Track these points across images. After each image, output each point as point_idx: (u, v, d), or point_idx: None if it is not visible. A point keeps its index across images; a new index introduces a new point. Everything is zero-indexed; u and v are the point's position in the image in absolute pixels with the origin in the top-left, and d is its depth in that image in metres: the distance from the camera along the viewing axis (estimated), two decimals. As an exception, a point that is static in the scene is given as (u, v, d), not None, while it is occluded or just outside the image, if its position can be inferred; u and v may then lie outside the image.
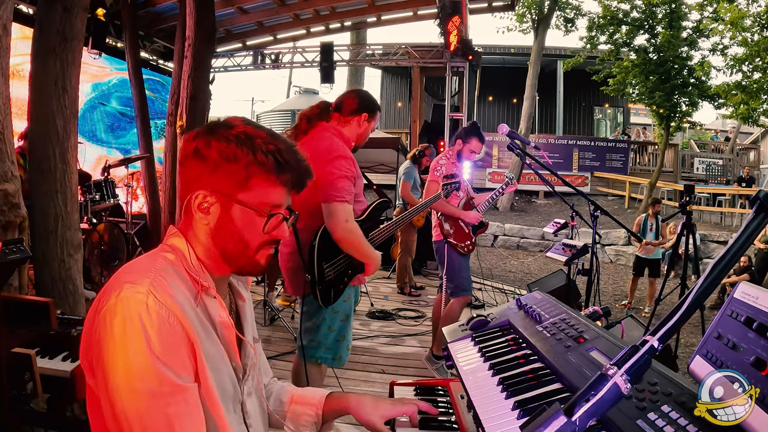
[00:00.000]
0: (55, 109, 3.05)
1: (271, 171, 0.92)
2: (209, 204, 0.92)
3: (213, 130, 0.93)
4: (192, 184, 0.93)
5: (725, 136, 19.89)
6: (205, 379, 0.86)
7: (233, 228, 0.93)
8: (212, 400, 0.87)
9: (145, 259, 0.92)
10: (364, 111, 2.28)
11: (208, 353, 0.88)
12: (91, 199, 4.88)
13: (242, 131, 0.92)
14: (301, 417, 1.15)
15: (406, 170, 5.74)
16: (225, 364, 0.93)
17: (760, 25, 10.87)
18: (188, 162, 0.94)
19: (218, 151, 0.91)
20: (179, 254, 0.93)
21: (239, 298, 1.08)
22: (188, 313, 0.86)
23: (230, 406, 0.93)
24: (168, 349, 0.81)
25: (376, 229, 2.34)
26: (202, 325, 0.89)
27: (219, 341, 0.92)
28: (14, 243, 2.06)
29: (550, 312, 1.37)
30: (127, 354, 0.78)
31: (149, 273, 0.86)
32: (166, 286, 0.85)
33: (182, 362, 0.83)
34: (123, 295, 0.81)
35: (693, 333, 5.69)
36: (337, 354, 2.26)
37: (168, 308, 0.82)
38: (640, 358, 0.62)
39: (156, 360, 0.79)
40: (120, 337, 0.79)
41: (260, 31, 9.14)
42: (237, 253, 0.95)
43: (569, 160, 15.10)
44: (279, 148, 0.93)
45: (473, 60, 8.03)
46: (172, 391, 0.80)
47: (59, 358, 2.06)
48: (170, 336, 0.81)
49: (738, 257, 0.67)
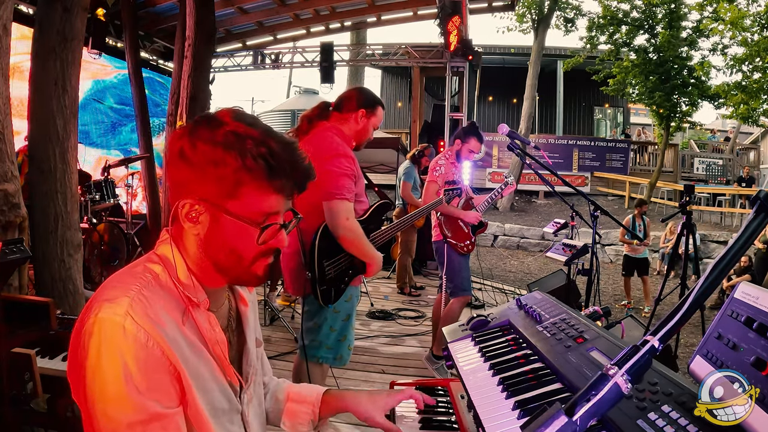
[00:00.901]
0: (55, 109, 3.05)
1: (262, 177, 0.82)
2: (197, 213, 0.84)
3: (200, 128, 0.84)
4: (179, 189, 0.85)
5: (725, 136, 19.88)
6: (193, 400, 0.82)
7: (224, 239, 0.85)
8: (200, 420, 0.83)
9: (130, 272, 0.85)
10: (362, 107, 2.26)
11: (195, 374, 0.83)
12: (91, 199, 4.88)
13: (231, 131, 0.82)
14: (297, 415, 1.14)
15: (406, 170, 5.74)
16: (217, 381, 0.88)
17: (760, 25, 10.87)
18: (174, 164, 0.85)
19: (204, 154, 0.81)
20: (168, 265, 0.86)
21: (241, 302, 1.02)
22: (170, 334, 0.80)
23: (225, 421, 0.89)
24: (146, 375, 0.76)
25: (378, 231, 2.34)
26: (189, 344, 0.83)
27: (211, 358, 0.87)
28: (14, 243, 2.06)
29: (550, 312, 1.37)
30: (103, 380, 0.75)
31: (129, 291, 0.80)
32: (146, 306, 0.79)
33: (162, 388, 0.78)
34: (101, 316, 0.77)
35: (693, 333, 5.69)
36: (339, 354, 2.26)
37: (146, 331, 0.77)
38: (640, 358, 0.62)
39: (132, 388, 0.75)
40: (95, 362, 0.75)
41: (260, 31, 9.14)
42: (230, 264, 0.87)
43: (569, 160, 15.10)
44: (272, 149, 0.82)
45: (473, 60, 8.02)
46: (149, 419, 0.76)
47: (59, 358, 2.07)
48: (148, 361, 0.77)
49: (738, 257, 0.67)
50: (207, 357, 0.87)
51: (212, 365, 0.87)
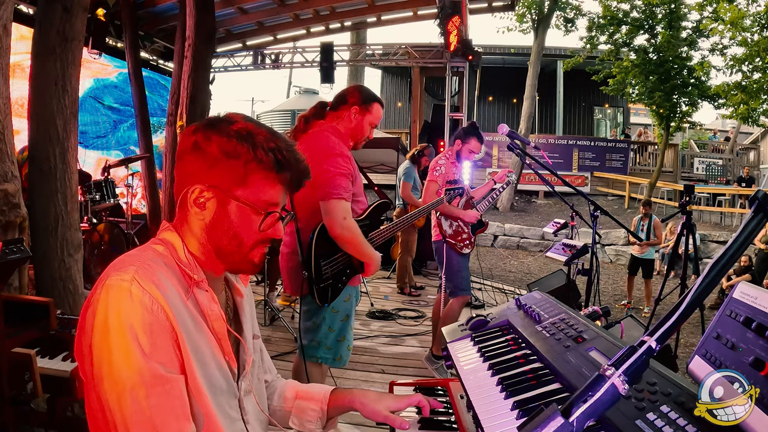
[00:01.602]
0: (55, 109, 3.05)
1: (270, 169, 0.91)
2: (206, 199, 0.91)
3: (213, 125, 0.92)
4: (189, 179, 0.92)
5: (725, 136, 19.88)
6: (191, 370, 0.85)
7: (229, 224, 0.92)
8: (198, 392, 0.86)
9: (135, 251, 0.91)
10: (355, 104, 2.23)
11: (195, 345, 0.87)
12: (91, 199, 4.88)
13: (243, 127, 0.91)
14: (305, 413, 1.15)
15: (406, 170, 5.74)
16: (214, 357, 0.91)
17: (760, 25, 10.87)
18: (186, 156, 0.92)
19: (218, 145, 0.90)
20: (170, 247, 0.92)
21: (236, 293, 1.07)
22: (174, 302, 0.85)
23: (223, 401, 0.92)
24: (151, 338, 0.80)
25: (376, 230, 2.33)
26: (191, 317, 0.88)
27: (209, 333, 0.91)
28: (14, 243, 2.06)
29: (550, 312, 1.37)
30: (109, 344, 0.78)
31: (135, 261, 0.85)
32: (151, 274, 0.84)
33: (166, 352, 0.82)
34: (108, 283, 0.82)
35: (692, 333, 5.69)
36: (338, 354, 2.25)
37: (152, 295, 0.81)
38: (637, 358, 0.62)
39: (137, 351, 0.78)
40: (103, 327, 0.79)
41: (260, 31, 9.14)
42: (231, 249, 0.93)
43: (569, 160, 15.10)
44: (279, 146, 0.92)
45: (473, 60, 8.02)
46: (154, 382, 0.79)
47: (59, 358, 2.07)
48: (153, 325, 0.80)
49: (737, 257, 0.67)
50: (207, 333, 0.91)
51: (212, 342, 0.91)
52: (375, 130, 2.38)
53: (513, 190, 13.86)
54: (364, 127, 2.28)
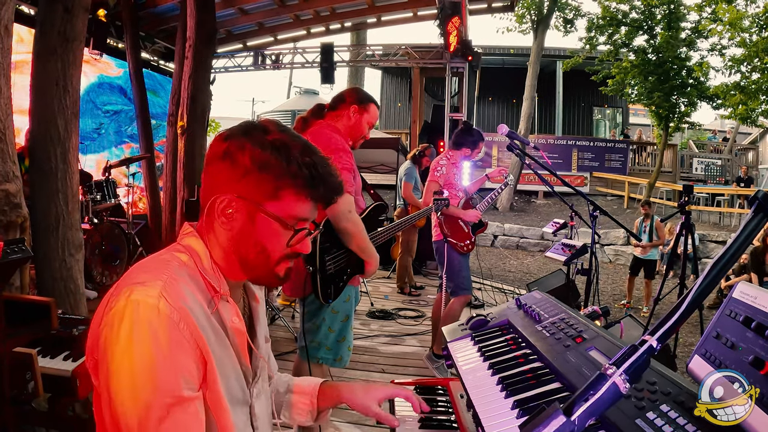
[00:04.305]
0: (56, 109, 3.06)
1: (304, 185, 0.88)
2: (234, 210, 0.88)
3: (248, 133, 0.88)
4: (218, 187, 0.89)
5: (724, 137, 19.90)
6: (215, 384, 0.84)
7: (256, 237, 0.89)
8: (220, 406, 0.85)
9: (158, 259, 0.88)
10: (354, 103, 2.30)
11: (218, 360, 0.85)
12: (92, 199, 4.88)
13: (278, 138, 0.88)
14: (295, 406, 1.16)
15: (407, 171, 5.74)
16: (234, 368, 0.90)
17: (759, 25, 10.88)
18: (216, 163, 0.89)
19: (252, 156, 0.86)
20: (195, 256, 0.89)
21: (253, 299, 1.05)
22: (199, 318, 0.83)
23: (238, 410, 0.91)
24: (174, 357, 0.78)
25: (373, 232, 2.34)
26: (213, 331, 0.86)
27: (230, 346, 0.90)
28: (15, 243, 2.06)
29: (550, 312, 1.37)
30: (132, 361, 0.76)
31: (162, 275, 0.82)
32: (179, 289, 0.82)
33: (188, 371, 0.80)
34: (133, 297, 0.78)
35: (692, 332, 5.70)
36: (338, 355, 2.26)
37: (179, 313, 0.79)
38: (638, 357, 0.62)
39: (160, 370, 0.77)
40: (126, 342, 0.76)
41: (261, 31, 9.14)
42: (257, 263, 0.91)
43: (568, 161, 15.11)
44: (314, 161, 0.88)
45: (473, 60, 8.03)
46: (173, 402, 0.77)
47: (60, 358, 2.07)
48: (179, 343, 0.79)
49: (737, 257, 0.68)
50: (228, 345, 0.89)
51: (231, 353, 0.90)
52: (375, 130, 2.40)
53: (512, 190, 13.87)
54: (363, 126, 2.33)
